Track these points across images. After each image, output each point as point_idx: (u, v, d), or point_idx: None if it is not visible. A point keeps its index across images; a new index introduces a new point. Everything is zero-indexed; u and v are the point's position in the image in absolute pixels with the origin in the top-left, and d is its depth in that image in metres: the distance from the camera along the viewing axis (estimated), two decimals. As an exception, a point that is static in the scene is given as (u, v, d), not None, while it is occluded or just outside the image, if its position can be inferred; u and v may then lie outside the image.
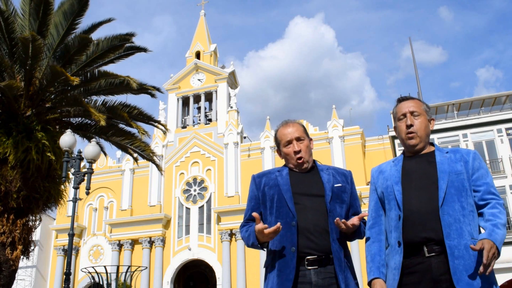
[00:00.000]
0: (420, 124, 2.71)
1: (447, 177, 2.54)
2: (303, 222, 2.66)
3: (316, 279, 2.58)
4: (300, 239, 2.64)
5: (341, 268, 2.61)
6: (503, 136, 26.48)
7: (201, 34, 36.64)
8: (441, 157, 2.65)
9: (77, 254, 31.66)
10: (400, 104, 2.80)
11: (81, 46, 10.74)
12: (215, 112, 33.21)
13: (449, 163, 2.60)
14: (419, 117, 2.72)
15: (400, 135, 2.77)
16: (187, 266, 30.64)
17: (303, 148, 2.86)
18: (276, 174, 2.87)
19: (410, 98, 2.83)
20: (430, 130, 2.76)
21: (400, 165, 2.73)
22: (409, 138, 2.71)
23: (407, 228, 2.52)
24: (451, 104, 29.54)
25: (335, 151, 29.27)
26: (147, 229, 30.45)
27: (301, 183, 2.79)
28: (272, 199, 2.78)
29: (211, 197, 30.73)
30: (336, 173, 2.88)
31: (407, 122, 2.71)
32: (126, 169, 32.88)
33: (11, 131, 10.30)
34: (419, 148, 2.71)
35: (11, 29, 10.56)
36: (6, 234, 10.04)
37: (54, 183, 10.97)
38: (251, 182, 2.95)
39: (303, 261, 2.61)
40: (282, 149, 2.92)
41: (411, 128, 2.70)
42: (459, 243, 2.40)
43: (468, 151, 2.65)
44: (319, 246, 2.62)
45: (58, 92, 11.40)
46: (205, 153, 31.97)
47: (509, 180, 25.45)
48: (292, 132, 2.89)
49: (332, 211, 2.69)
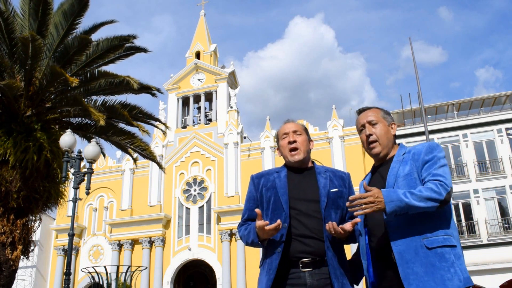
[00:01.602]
0: (379, 131, 2.71)
1: (393, 182, 2.54)
2: (298, 227, 2.68)
3: (311, 280, 2.60)
4: (293, 243, 2.65)
5: (336, 275, 2.61)
6: (503, 136, 26.48)
7: (201, 34, 36.64)
8: (396, 161, 2.64)
9: (77, 254, 31.65)
10: (359, 116, 2.82)
11: (81, 46, 10.73)
12: (215, 112, 33.21)
13: (400, 166, 2.59)
14: (378, 125, 2.73)
15: (364, 147, 2.80)
16: (187, 266, 30.64)
17: (299, 140, 2.87)
18: (275, 175, 2.88)
19: (368, 108, 2.84)
20: (393, 134, 2.76)
21: (368, 181, 2.76)
22: (370, 148, 2.72)
23: (372, 239, 2.60)
24: (451, 104, 29.55)
25: (335, 151, 29.26)
26: (147, 229, 30.45)
27: (298, 187, 2.79)
28: (268, 200, 2.80)
29: (211, 197, 30.72)
30: (334, 176, 2.86)
31: (366, 132, 2.73)
32: (126, 169, 32.87)
33: (11, 131, 10.29)
34: (383, 154, 2.71)
35: (11, 29, 10.55)
36: (6, 234, 10.04)
37: (54, 183, 10.97)
38: (250, 183, 2.97)
39: (297, 263, 2.62)
40: (280, 143, 2.94)
41: (370, 137, 2.71)
42: (408, 247, 2.39)
43: (422, 145, 2.62)
44: (313, 250, 2.63)
45: (58, 92, 11.40)
46: (205, 153, 31.97)
47: (509, 180, 25.45)
48: (290, 127, 2.93)
49: (326, 218, 2.68)
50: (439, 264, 2.34)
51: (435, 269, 2.33)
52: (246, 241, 2.80)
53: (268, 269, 2.66)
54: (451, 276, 2.32)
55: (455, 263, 2.36)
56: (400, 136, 26.94)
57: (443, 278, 2.31)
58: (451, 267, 2.34)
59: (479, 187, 25.71)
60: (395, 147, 2.75)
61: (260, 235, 2.66)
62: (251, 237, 2.74)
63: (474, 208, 25.42)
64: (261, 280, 2.71)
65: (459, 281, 2.31)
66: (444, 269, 2.33)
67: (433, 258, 2.34)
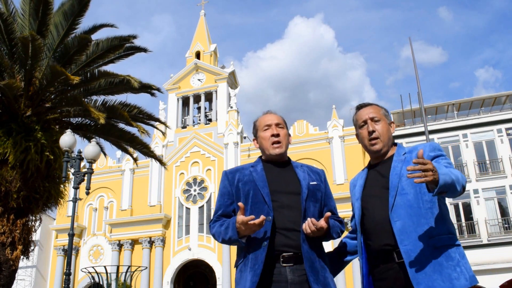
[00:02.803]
0: (381, 129, 2.72)
1: (397, 181, 2.53)
2: (280, 220, 2.60)
3: (292, 276, 2.51)
4: (276, 236, 2.56)
5: (314, 269, 2.53)
6: (503, 136, 26.48)
7: (201, 34, 36.64)
8: (397, 160, 2.64)
9: (77, 254, 31.65)
10: (360, 112, 2.82)
11: (81, 46, 10.73)
12: (215, 112, 33.21)
13: (402, 165, 2.58)
14: (380, 122, 2.74)
15: (363, 142, 2.78)
16: (187, 266, 30.64)
17: (282, 134, 2.82)
18: (250, 169, 2.79)
19: (369, 104, 2.85)
20: (392, 133, 2.78)
21: (363, 179, 2.75)
22: (372, 144, 2.72)
23: (373, 238, 2.57)
24: (451, 104, 29.54)
25: (335, 151, 29.26)
26: (147, 229, 30.44)
27: (277, 180, 2.72)
28: (247, 194, 2.69)
29: (211, 197, 30.72)
30: (310, 171, 2.83)
31: (368, 128, 2.73)
32: (126, 169, 32.87)
33: (11, 131, 10.29)
34: (383, 152, 2.72)
35: (11, 29, 10.55)
36: (6, 234, 10.03)
37: (54, 183, 10.96)
38: (223, 178, 2.85)
39: (279, 258, 2.54)
40: (260, 134, 2.86)
41: (373, 134, 2.71)
42: (415, 246, 2.39)
43: (424, 145, 2.62)
44: (295, 242, 2.55)
45: (58, 92, 11.40)
46: (205, 153, 31.97)
47: (509, 180, 25.46)
48: (272, 119, 2.87)
49: (306, 210, 2.63)
50: (446, 263, 2.35)
51: (443, 268, 2.34)
52: (223, 239, 2.62)
53: (252, 264, 2.53)
54: (458, 275, 2.33)
55: (460, 262, 2.38)
56: (400, 136, 26.93)
57: (450, 277, 2.32)
58: (457, 266, 2.35)
59: (479, 187, 25.71)
60: (393, 147, 2.76)
61: (241, 231, 2.51)
62: (229, 233, 2.57)
63: (474, 208, 25.43)
64: (244, 277, 2.55)
65: (465, 280, 2.33)
66: (451, 268, 2.34)
67: (440, 257, 2.35)
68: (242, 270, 2.60)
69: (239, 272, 2.63)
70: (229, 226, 2.58)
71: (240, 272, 2.61)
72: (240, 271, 2.62)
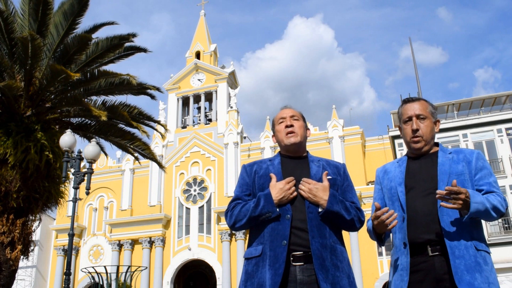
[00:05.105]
0: (426, 128, 2.68)
1: (447, 178, 2.54)
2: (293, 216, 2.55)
3: (301, 276, 2.44)
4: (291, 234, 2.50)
5: (322, 267, 2.43)
6: (503, 136, 26.48)
7: (201, 34, 36.64)
8: (443, 158, 2.64)
9: (77, 254, 31.66)
10: (406, 106, 2.76)
11: (80, 46, 10.72)
12: (215, 112, 33.22)
13: (451, 164, 2.59)
14: (425, 121, 2.69)
15: (405, 138, 2.75)
16: (187, 266, 30.64)
17: (297, 125, 2.79)
18: (268, 163, 2.77)
19: (417, 99, 2.78)
20: (436, 132, 2.73)
21: (404, 166, 2.72)
22: (414, 142, 2.69)
23: (411, 229, 2.53)
24: (451, 104, 29.53)
25: (335, 151, 29.27)
26: (147, 229, 30.45)
27: (291, 174, 2.68)
28: (261, 188, 2.65)
29: (211, 197, 30.73)
30: (328, 165, 2.76)
31: (413, 126, 2.68)
32: (126, 169, 32.88)
33: (11, 131, 10.28)
34: (424, 151, 2.70)
35: (11, 29, 10.54)
36: (6, 234, 10.02)
37: (54, 183, 10.95)
38: (242, 171, 2.84)
39: (289, 257, 2.48)
40: (276, 128, 2.86)
41: (417, 132, 2.67)
42: (459, 243, 2.41)
43: (471, 151, 2.64)
44: (305, 241, 2.48)
45: (58, 92, 11.39)
46: (205, 153, 31.97)
47: (509, 180, 25.46)
48: (287, 112, 2.87)
49: (310, 206, 2.56)
50: (484, 266, 2.41)
51: (482, 270, 2.39)
52: (250, 216, 2.55)
53: (272, 262, 2.44)
54: (493, 280, 2.41)
55: (493, 269, 2.46)
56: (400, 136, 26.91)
57: (488, 279, 2.38)
58: (491, 271, 2.43)
59: (479, 187, 25.68)
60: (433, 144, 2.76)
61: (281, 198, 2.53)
62: (260, 205, 2.53)
63: (474, 208, 25.40)
64: (262, 272, 2.46)
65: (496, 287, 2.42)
66: (488, 272, 2.41)
67: (480, 259, 2.41)
68: (259, 265, 2.50)
69: (254, 265, 2.53)
70: (261, 198, 2.56)
71: (256, 266, 2.51)
72: (257, 265, 2.51)
